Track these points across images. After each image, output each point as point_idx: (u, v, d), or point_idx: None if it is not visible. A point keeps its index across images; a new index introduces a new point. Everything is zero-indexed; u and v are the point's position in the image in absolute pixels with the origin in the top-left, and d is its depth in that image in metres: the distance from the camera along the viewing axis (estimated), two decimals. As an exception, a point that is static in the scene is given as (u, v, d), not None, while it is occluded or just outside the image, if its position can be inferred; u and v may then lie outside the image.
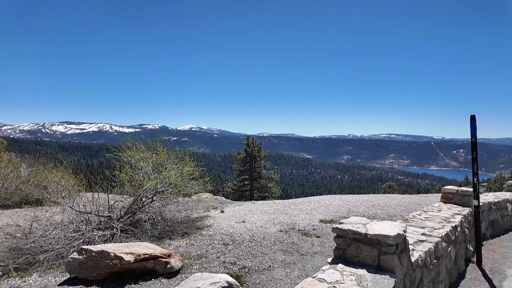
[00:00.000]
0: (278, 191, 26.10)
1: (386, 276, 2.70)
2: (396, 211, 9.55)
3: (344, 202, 11.35)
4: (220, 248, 5.73)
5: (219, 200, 12.45)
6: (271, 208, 9.98)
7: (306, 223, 7.81)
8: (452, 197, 6.73)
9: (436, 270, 3.93)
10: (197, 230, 6.80)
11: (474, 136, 5.37)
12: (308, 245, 6.03)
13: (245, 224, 7.43)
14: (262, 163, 25.98)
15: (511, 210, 8.24)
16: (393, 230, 2.95)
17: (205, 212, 9.07)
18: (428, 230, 4.51)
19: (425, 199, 12.48)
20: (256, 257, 5.30)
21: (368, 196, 14.42)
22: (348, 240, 3.08)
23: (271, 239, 6.27)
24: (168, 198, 7.35)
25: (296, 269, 4.86)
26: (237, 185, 25.93)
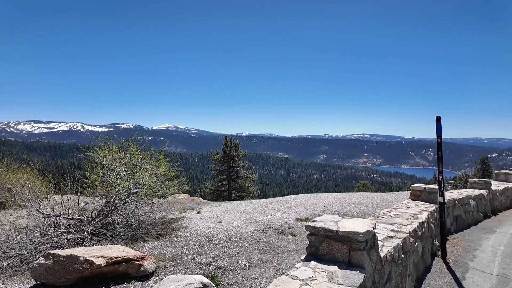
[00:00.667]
0: (256, 191, 26.20)
1: (356, 271, 2.80)
2: (368, 208, 9.88)
3: (320, 201, 11.59)
4: (196, 249, 5.68)
5: (195, 201, 12.32)
6: (248, 208, 10.01)
7: (282, 222, 7.90)
8: (420, 195, 7.07)
9: (404, 264, 4.12)
10: (173, 232, 6.70)
11: (440, 137, 5.67)
12: (284, 244, 6.10)
13: (222, 225, 7.41)
14: (240, 163, 25.98)
15: (473, 206, 8.77)
16: (363, 227, 3.06)
17: (181, 213, 8.94)
18: (397, 227, 4.71)
19: (396, 196, 13.00)
20: (232, 257, 5.30)
21: (343, 194, 14.82)
22: (321, 237, 3.16)
23: (247, 239, 6.29)
24: (142, 199, 7.19)
25: (271, 268, 4.91)
26: (215, 185, 25.76)
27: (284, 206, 10.48)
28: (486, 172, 34.20)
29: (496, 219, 9.46)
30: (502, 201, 10.94)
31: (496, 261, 5.77)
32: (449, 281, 4.82)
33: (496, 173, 13.79)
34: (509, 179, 12.89)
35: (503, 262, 5.73)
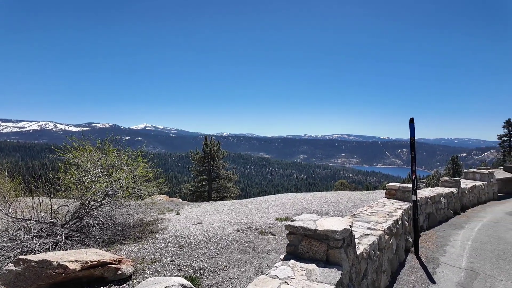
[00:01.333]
0: (237, 191, 26.15)
1: (333, 269, 2.88)
2: (346, 207, 10.12)
3: (299, 200, 11.75)
4: (175, 251, 5.61)
5: (175, 202, 12.14)
6: (229, 208, 9.98)
7: (262, 221, 7.95)
8: (394, 193, 7.34)
9: (379, 261, 4.26)
10: (151, 234, 6.57)
11: (413, 137, 5.91)
12: (264, 243, 6.15)
13: (201, 226, 7.35)
14: (220, 163, 25.83)
15: (444, 203, 9.20)
16: (340, 225, 3.15)
17: (159, 215, 8.78)
18: (373, 224, 4.87)
19: (372, 195, 13.40)
20: (212, 258, 5.28)
21: (321, 193, 15.09)
22: (300, 236, 3.22)
23: (228, 239, 6.28)
24: (119, 201, 7.00)
25: (252, 268, 4.93)
26: (195, 186, 25.46)
27: (264, 206, 10.54)
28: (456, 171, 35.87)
29: (465, 215, 9.97)
30: (470, 198, 11.55)
31: (464, 255, 6.09)
32: (421, 275, 5.04)
33: (465, 172, 14.53)
34: (476, 178, 13.62)
35: (470, 256, 6.06)
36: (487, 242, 6.95)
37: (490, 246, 6.67)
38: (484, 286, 4.74)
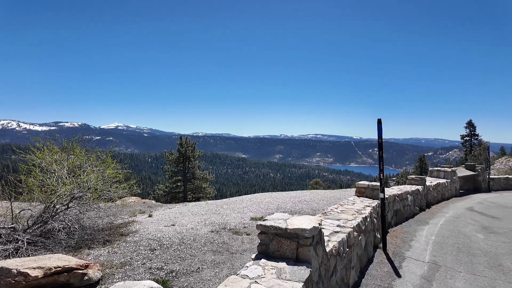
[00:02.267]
0: (213, 191, 25.92)
1: (303, 267, 2.94)
2: (319, 205, 10.36)
3: (274, 199, 11.87)
4: (147, 254, 5.48)
5: (147, 204, 11.84)
6: (203, 209, 9.89)
7: (237, 221, 7.95)
8: (364, 191, 7.60)
9: (348, 257, 4.41)
10: (121, 237, 6.37)
11: (381, 138, 6.16)
12: (238, 243, 6.15)
13: (175, 227, 7.23)
14: (196, 163, 25.49)
15: (411, 200, 9.65)
16: (309, 223, 3.22)
17: (131, 217, 8.53)
18: (343, 222, 5.02)
19: (344, 193, 13.81)
20: (185, 260, 5.21)
21: (296, 192, 15.34)
22: (271, 235, 3.25)
23: (201, 241, 6.23)
24: (87, 203, 6.72)
25: (225, 268, 4.92)
26: (169, 187, 24.95)
27: (239, 206, 10.54)
28: (423, 169, 37.74)
29: (430, 211, 10.52)
30: (435, 195, 12.20)
31: (428, 249, 6.43)
32: (388, 270, 5.26)
33: (430, 170, 15.33)
34: (440, 176, 14.41)
35: (433, 250, 6.41)
36: (448, 237, 7.38)
37: (451, 240, 7.09)
38: (445, 277, 5.03)
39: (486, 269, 5.42)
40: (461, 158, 51.73)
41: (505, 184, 18.37)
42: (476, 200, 13.36)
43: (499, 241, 7.14)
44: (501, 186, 18.11)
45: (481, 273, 5.24)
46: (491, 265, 5.63)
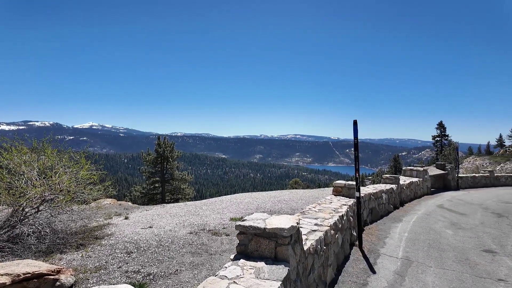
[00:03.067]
0: (192, 192, 25.60)
1: (281, 266, 2.98)
2: (298, 204, 10.50)
3: (254, 199, 11.90)
4: (123, 257, 5.34)
5: (123, 206, 11.52)
6: (182, 211, 9.76)
7: (217, 222, 7.91)
8: (341, 190, 7.79)
9: (325, 255, 4.50)
10: (96, 240, 6.17)
11: (356, 138, 6.34)
12: (217, 244, 6.12)
13: (152, 230, 7.09)
14: (174, 164, 25.07)
15: (385, 199, 9.99)
16: (288, 223, 3.27)
17: (106, 220, 8.28)
18: (320, 221, 5.13)
19: (322, 192, 14.07)
20: (163, 263, 5.13)
21: (276, 192, 15.46)
22: (250, 235, 3.27)
23: (180, 242, 6.14)
24: (59, 206, 6.45)
25: (204, 270, 4.89)
26: (146, 188, 24.38)
27: (219, 206, 10.49)
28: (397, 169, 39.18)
29: (403, 209, 10.94)
30: (408, 193, 12.70)
31: (401, 246, 6.68)
32: (364, 267, 5.42)
33: (404, 170, 15.93)
34: (413, 175, 15.01)
35: (406, 246, 6.67)
36: (420, 233, 7.71)
37: (422, 237, 7.41)
38: (416, 272, 5.25)
39: (454, 263, 5.71)
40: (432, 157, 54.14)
41: (472, 182, 19.42)
42: (446, 197, 14.03)
43: (466, 236, 7.54)
44: (469, 184, 19.12)
45: (449, 267, 5.51)
46: (458, 259, 5.94)
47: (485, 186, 19.86)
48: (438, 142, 53.89)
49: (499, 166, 53.38)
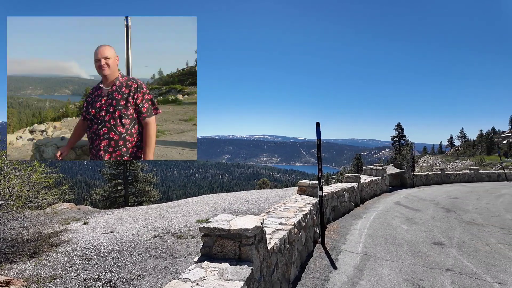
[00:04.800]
0: (157, 195, 24.91)
1: (245, 266, 3.03)
2: (265, 204, 10.64)
3: (221, 201, 11.87)
4: (81, 264, 5.09)
5: (83, 210, 10.94)
6: (146, 214, 9.48)
7: (182, 225, 7.80)
8: (305, 190, 8.04)
9: (289, 253, 4.64)
10: (51, 248, 5.82)
11: (319, 139, 6.59)
12: (183, 247, 6.05)
13: (114, 234, 6.82)
14: (139, 165, 24.22)
15: (347, 197, 10.45)
16: (252, 223, 3.33)
17: (63, 225, 7.81)
18: (285, 220, 5.26)
19: (289, 192, 14.38)
20: (125, 268, 4.97)
21: (243, 193, 15.53)
22: (214, 237, 3.29)
23: (143, 247, 5.98)
24: (9, 213, 5.99)
25: (168, 273, 4.81)
26: (108, 191, 23.30)
27: (185, 208, 10.33)
28: (359, 168, 41.09)
29: (363, 207, 11.51)
30: (368, 191, 13.38)
31: (361, 242, 7.04)
32: (326, 263, 5.65)
33: (364, 169, 16.75)
34: (373, 173, 15.84)
35: (366, 242, 7.03)
36: (378, 229, 8.17)
37: (380, 232, 7.85)
38: (374, 266, 5.57)
39: (408, 256, 6.13)
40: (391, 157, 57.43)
41: (425, 179, 20.90)
42: (402, 195, 14.97)
43: (419, 230, 8.11)
44: (423, 182, 20.56)
45: (404, 260, 5.91)
46: (412, 252, 6.38)
47: (437, 183, 21.46)
48: (396, 142, 57.30)
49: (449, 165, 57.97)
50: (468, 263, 5.70)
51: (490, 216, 9.91)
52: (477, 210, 11.05)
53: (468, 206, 11.76)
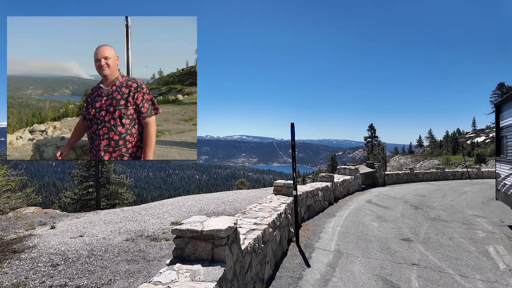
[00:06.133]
0: (131, 197, 24.20)
1: (217, 266, 3.03)
2: (241, 205, 10.66)
3: (197, 202, 11.76)
4: (47, 270, 4.87)
5: (50, 214, 10.44)
6: (118, 217, 9.20)
7: (156, 227, 7.65)
8: (280, 189, 8.14)
9: (263, 253, 4.68)
10: (14, 255, 5.51)
11: (294, 140, 6.69)
12: (156, 250, 5.94)
13: (83, 238, 6.57)
14: (111, 167, 23.43)
15: (321, 196, 10.69)
16: (225, 224, 3.33)
17: (28, 230, 7.41)
18: (260, 220, 5.30)
19: (266, 192, 14.49)
20: (95, 273, 4.80)
21: (220, 193, 15.46)
22: (186, 239, 3.26)
23: (114, 251, 5.81)
24: (-34, 219, 5.62)
25: (140, 277, 4.71)
26: (78, 194, 22.35)
27: (159, 211, 10.14)
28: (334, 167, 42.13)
29: (337, 205, 11.81)
30: (341, 190, 13.75)
31: (334, 239, 7.23)
32: (300, 261, 5.75)
33: (338, 168, 17.19)
34: (346, 173, 16.29)
35: (338, 240, 7.23)
36: (351, 227, 8.42)
37: (352, 230, 8.10)
38: (346, 263, 5.74)
39: (378, 253, 6.37)
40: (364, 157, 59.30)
41: (396, 178, 21.78)
42: (374, 193, 15.52)
43: (389, 227, 8.45)
44: (393, 181, 21.41)
45: (374, 256, 6.13)
46: (381, 248, 6.64)
47: (406, 181, 22.42)
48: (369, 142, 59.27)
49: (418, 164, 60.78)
50: (433, 257, 6.01)
51: (454, 213, 10.50)
52: (442, 207, 11.68)
53: (435, 203, 12.40)
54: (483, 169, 29.70)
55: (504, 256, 6.03)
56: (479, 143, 63.60)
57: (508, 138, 7.76)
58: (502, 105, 8.52)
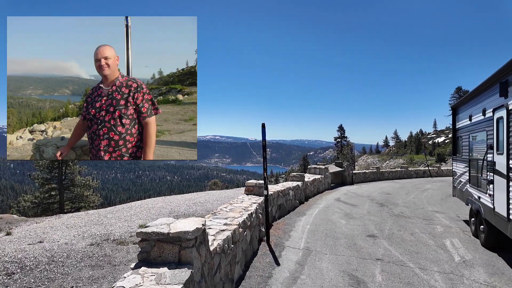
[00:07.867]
0: (97, 200, 23.22)
1: (184, 269, 2.99)
2: (213, 206, 10.59)
3: (167, 204, 11.51)
4: (1, 280, 4.55)
5: (6, 219, 9.75)
6: (82, 221, 8.78)
7: (123, 231, 7.40)
8: (252, 189, 8.18)
9: (233, 253, 4.68)
10: (-37, 264, 5.09)
11: (265, 140, 6.76)
12: (122, 254, 5.74)
13: (43, 245, 6.20)
14: (76, 168, 22.32)
15: (292, 195, 10.88)
16: (193, 225, 3.30)
17: (-21, 238, 6.89)
18: (230, 220, 5.30)
19: (238, 192, 14.49)
20: (55, 281, 4.56)
21: (192, 194, 15.25)
22: (152, 242, 3.19)
23: (77, 256, 5.55)
24: None
25: (105, 283, 4.53)
26: (40, 197, 21.08)
27: (127, 213, 9.81)
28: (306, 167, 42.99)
29: (307, 204, 12.07)
30: (312, 189, 14.07)
31: (303, 237, 7.38)
32: (269, 260, 5.82)
33: (309, 168, 17.58)
34: (316, 172, 16.69)
35: (308, 238, 7.40)
36: (320, 224, 8.65)
37: (321, 228, 8.32)
38: (314, 260, 5.89)
39: (345, 249, 6.59)
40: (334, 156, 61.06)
41: (363, 177, 22.66)
42: (342, 192, 16.04)
43: (356, 224, 8.78)
44: (361, 179, 22.26)
45: (341, 253, 6.34)
46: (348, 245, 6.88)
47: (373, 180, 23.40)
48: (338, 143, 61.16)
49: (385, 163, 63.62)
50: (396, 252, 6.33)
51: (416, 209, 11.12)
52: (406, 204, 12.32)
53: (399, 201, 13.04)
54: (443, 167, 31.71)
55: (459, 249, 6.48)
56: (440, 143, 67.86)
57: (463, 138, 8.34)
58: (458, 107, 9.14)
